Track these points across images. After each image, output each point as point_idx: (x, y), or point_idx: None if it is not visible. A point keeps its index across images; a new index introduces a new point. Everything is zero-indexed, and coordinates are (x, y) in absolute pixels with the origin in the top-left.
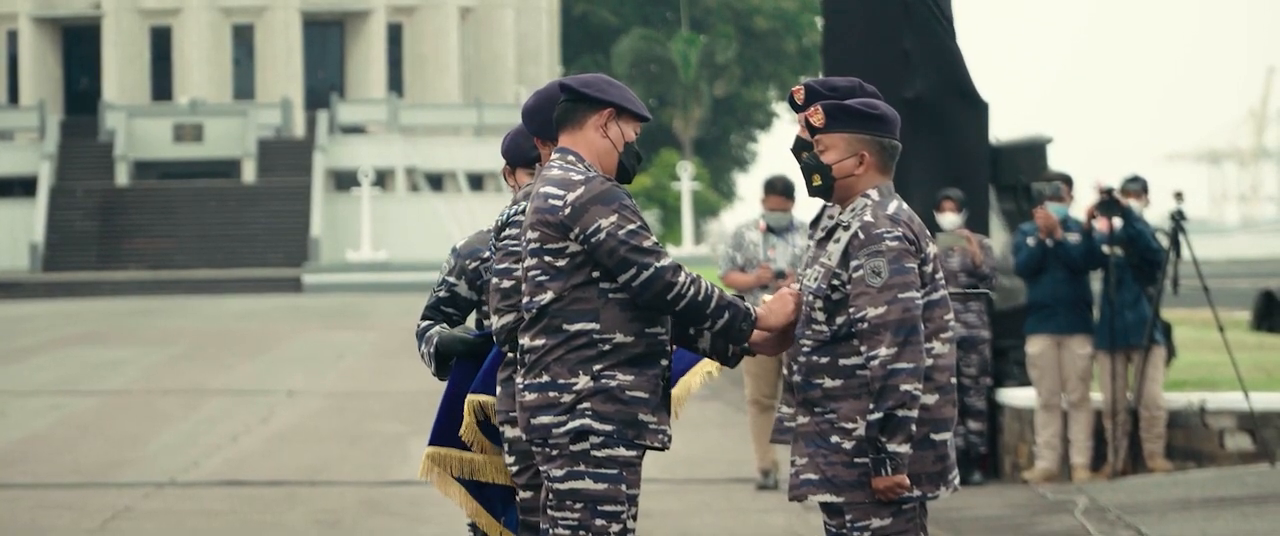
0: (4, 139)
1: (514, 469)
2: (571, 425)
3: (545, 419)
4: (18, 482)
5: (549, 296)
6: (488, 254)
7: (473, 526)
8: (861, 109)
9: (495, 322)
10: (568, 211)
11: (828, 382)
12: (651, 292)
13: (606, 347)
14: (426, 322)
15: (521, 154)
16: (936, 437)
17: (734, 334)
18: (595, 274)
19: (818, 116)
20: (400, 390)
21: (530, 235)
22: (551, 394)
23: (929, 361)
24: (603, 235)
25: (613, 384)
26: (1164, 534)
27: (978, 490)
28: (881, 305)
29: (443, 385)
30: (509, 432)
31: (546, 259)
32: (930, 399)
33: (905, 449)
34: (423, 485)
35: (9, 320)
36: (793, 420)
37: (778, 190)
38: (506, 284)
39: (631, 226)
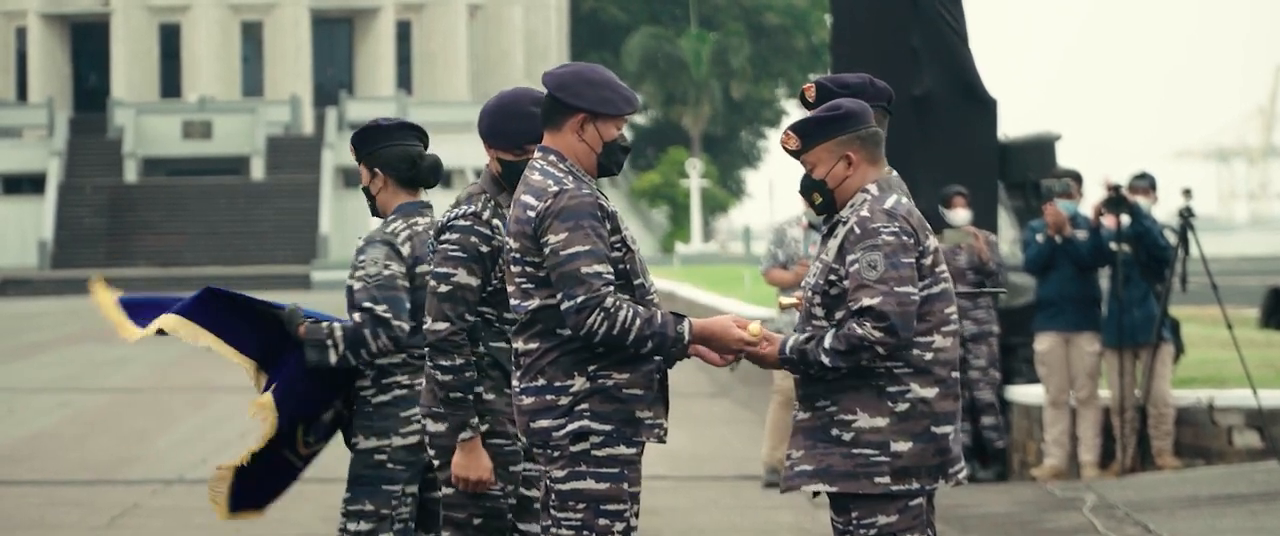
0: (13, 136)
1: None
2: (571, 427)
3: (544, 422)
4: (26, 479)
5: (536, 303)
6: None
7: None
8: (826, 116)
9: (430, 324)
10: (536, 223)
11: (828, 377)
12: (570, 323)
13: (601, 349)
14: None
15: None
16: (937, 431)
17: (667, 357)
18: None
19: (792, 142)
20: None
21: (511, 243)
22: (549, 397)
23: (929, 355)
24: (548, 250)
25: (609, 383)
26: (1172, 531)
27: (986, 487)
28: (877, 296)
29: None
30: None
31: (529, 269)
32: (931, 392)
33: (827, 361)
34: None
35: (18, 317)
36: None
37: None
38: (444, 289)
39: (578, 249)
